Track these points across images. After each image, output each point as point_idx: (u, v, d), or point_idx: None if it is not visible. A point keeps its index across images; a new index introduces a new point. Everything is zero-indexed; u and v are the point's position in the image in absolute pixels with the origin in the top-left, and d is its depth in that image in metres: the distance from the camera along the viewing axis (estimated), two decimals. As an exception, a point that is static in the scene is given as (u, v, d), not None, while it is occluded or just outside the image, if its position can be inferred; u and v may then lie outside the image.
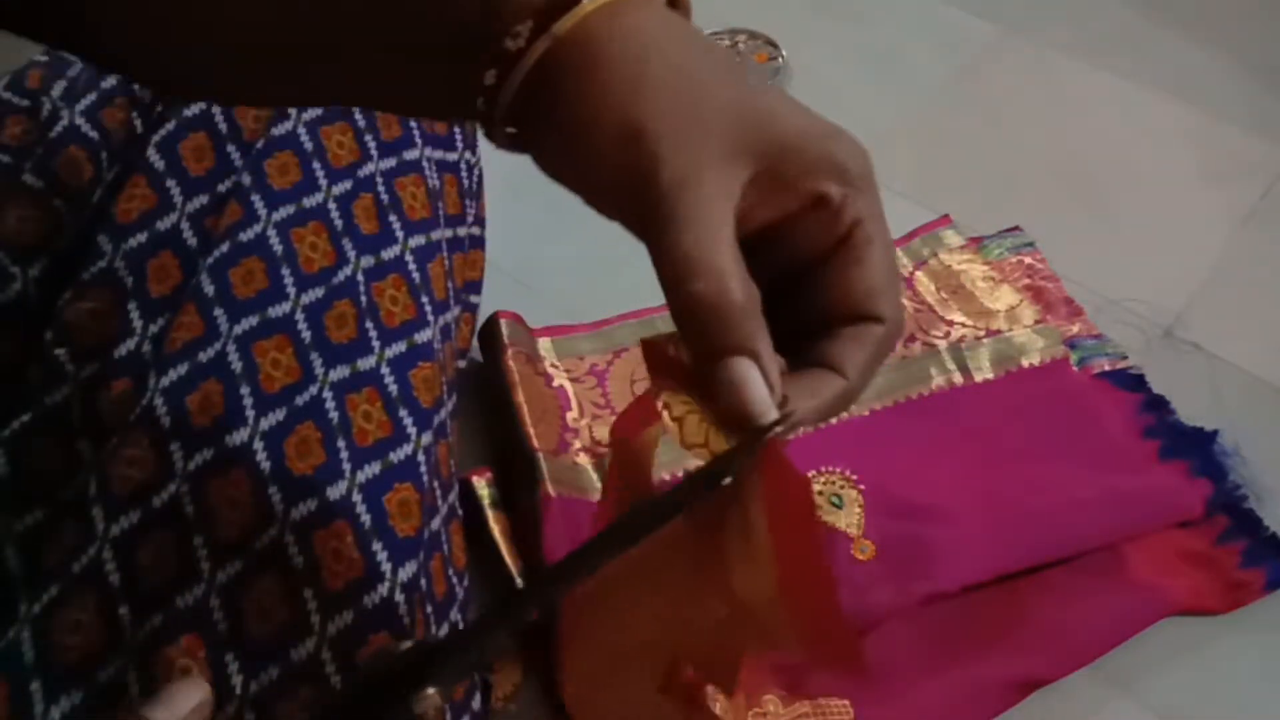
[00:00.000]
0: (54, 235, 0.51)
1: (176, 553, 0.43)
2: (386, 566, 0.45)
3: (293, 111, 0.53)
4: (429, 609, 0.48)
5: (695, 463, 0.68)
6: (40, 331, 0.48)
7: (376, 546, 0.45)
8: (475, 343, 0.70)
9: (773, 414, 0.29)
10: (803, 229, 0.31)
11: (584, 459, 0.66)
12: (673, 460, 0.66)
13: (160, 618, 0.42)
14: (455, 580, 0.52)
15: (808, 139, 0.30)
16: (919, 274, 0.78)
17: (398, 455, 0.48)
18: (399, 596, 0.45)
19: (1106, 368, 0.73)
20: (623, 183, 0.29)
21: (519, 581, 0.60)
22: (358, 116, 0.55)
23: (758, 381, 0.29)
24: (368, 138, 0.55)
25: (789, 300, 0.32)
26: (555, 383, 0.69)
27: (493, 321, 0.69)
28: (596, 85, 0.29)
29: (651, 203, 0.29)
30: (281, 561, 0.43)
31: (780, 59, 0.96)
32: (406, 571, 0.46)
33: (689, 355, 0.30)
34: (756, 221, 0.30)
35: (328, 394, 0.47)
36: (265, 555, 0.43)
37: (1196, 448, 0.68)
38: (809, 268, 0.32)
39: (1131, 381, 0.72)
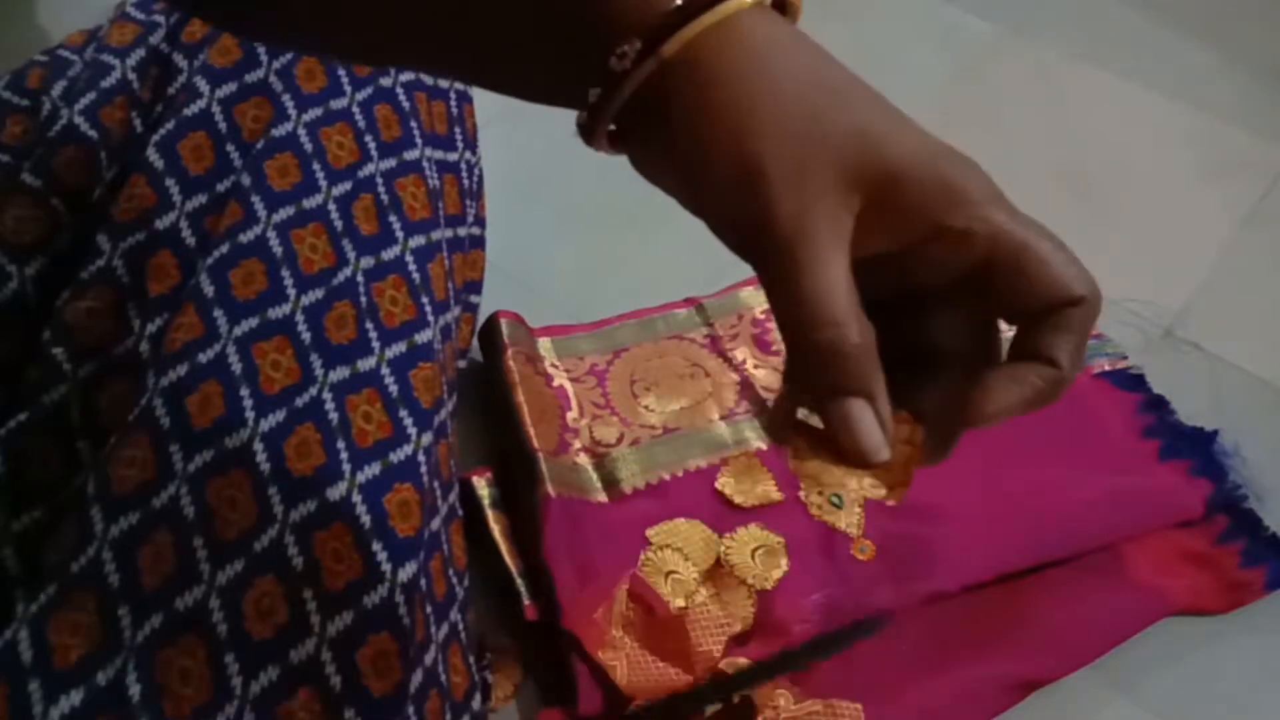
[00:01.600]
0: (52, 234, 0.51)
1: (176, 554, 0.42)
2: (386, 567, 0.45)
3: (292, 112, 0.53)
4: (429, 609, 0.48)
5: (697, 462, 0.67)
6: (38, 331, 0.48)
7: (376, 547, 0.45)
8: (475, 343, 0.70)
9: (885, 453, 0.29)
10: (934, 258, 0.30)
11: (584, 459, 0.66)
12: (674, 460, 0.66)
13: (160, 618, 0.41)
14: (455, 580, 0.52)
15: (918, 165, 0.29)
16: (919, 274, 0.78)
17: (398, 456, 0.48)
18: (399, 597, 0.45)
19: (1106, 368, 0.73)
20: (738, 220, 0.29)
21: (519, 581, 0.60)
22: (357, 117, 0.55)
23: (872, 422, 0.29)
24: (367, 138, 0.55)
25: (919, 315, 0.32)
26: (555, 383, 0.69)
27: (493, 321, 0.69)
28: (706, 114, 0.28)
29: (769, 249, 0.28)
30: (281, 562, 0.43)
31: (780, 59, 0.95)
32: (406, 572, 0.46)
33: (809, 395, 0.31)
34: (871, 250, 0.30)
35: (327, 395, 0.47)
36: (265, 556, 0.43)
37: (1196, 448, 0.68)
38: (949, 291, 0.31)
39: (1131, 381, 0.72)
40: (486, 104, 0.68)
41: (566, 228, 0.81)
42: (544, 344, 0.71)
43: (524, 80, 0.32)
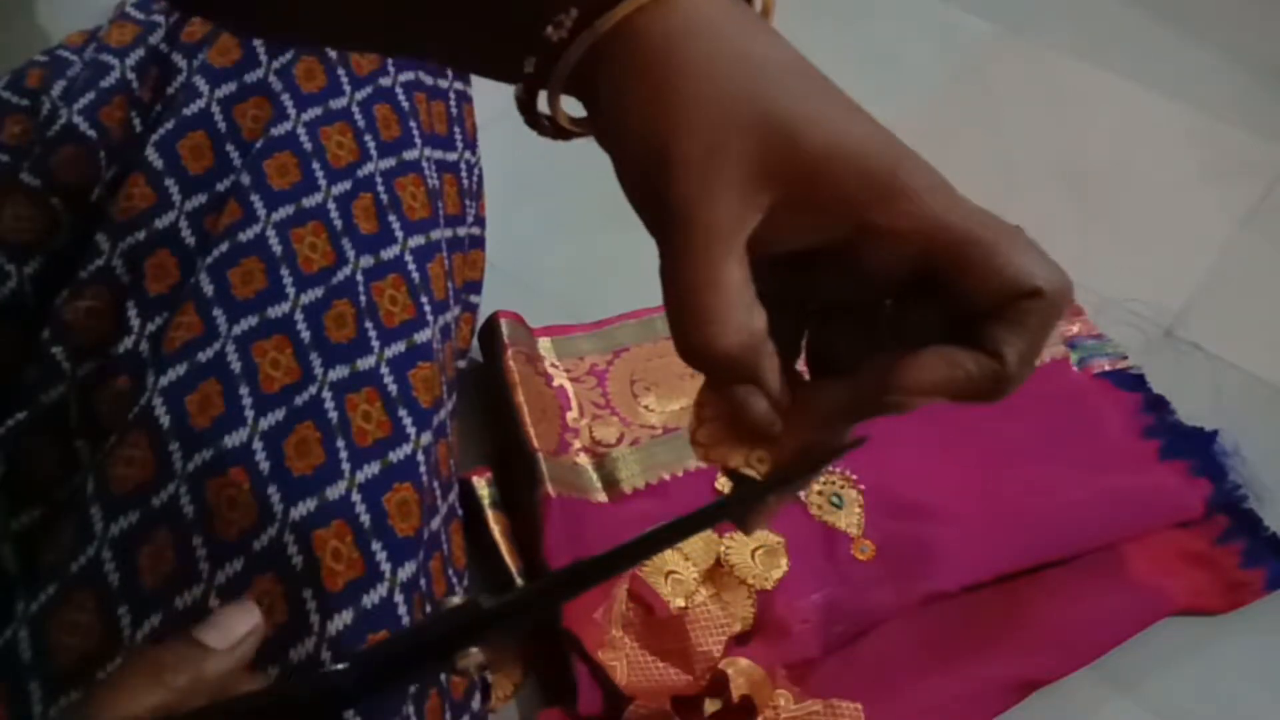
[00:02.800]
0: (51, 233, 0.51)
1: (176, 553, 0.42)
2: (386, 566, 0.45)
3: (292, 112, 0.53)
4: (429, 609, 0.48)
5: (697, 463, 0.67)
6: (36, 330, 0.48)
7: (376, 546, 0.45)
8: (475, 343, 0.70)
9: (776, 428, 0.29)
10: (871, 255, 0.28)
11: (584, 459, 0.66)
12: (674, 460, 0.66)
13: (159, 618, 0.41)
14: (455, 580, 0.52)
15: (838, 158, 0.27)
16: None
17: (397, 455, 0.48)
18: (398, 596, 0.45)
19: (1106, 368, 0.73)
20: (643, 200, 0.29)
21: (519, 581, 0.60)
22: (357, 117, 0.55)
23: (759, 402, 0.29)
24: (367, 137, 0.55)
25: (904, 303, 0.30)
26: (555, 382, 0.69)
27: (493, 321, 0.69)
28: (629, 92, 0.28)
29: (662, 232, 0.28)
30: (281, 562, 0.43)
31: (780, 59, 0.95)
32: (406, 571, 0.46)
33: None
34: (791, 247, 0.28)
35: (327, 394, 0.47)
36: (265, 556, 0.43)
37: (1196, 448, 0.68)
38: (906, 285, 0.29)
39: (1131, 381, 0.72)
40: (486, 104, 0.68)
41: (566, 227, 0.81)
42: (544, 344, 0.71)
43: (465, 50, 0.31)
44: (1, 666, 0.41)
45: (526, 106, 0.30)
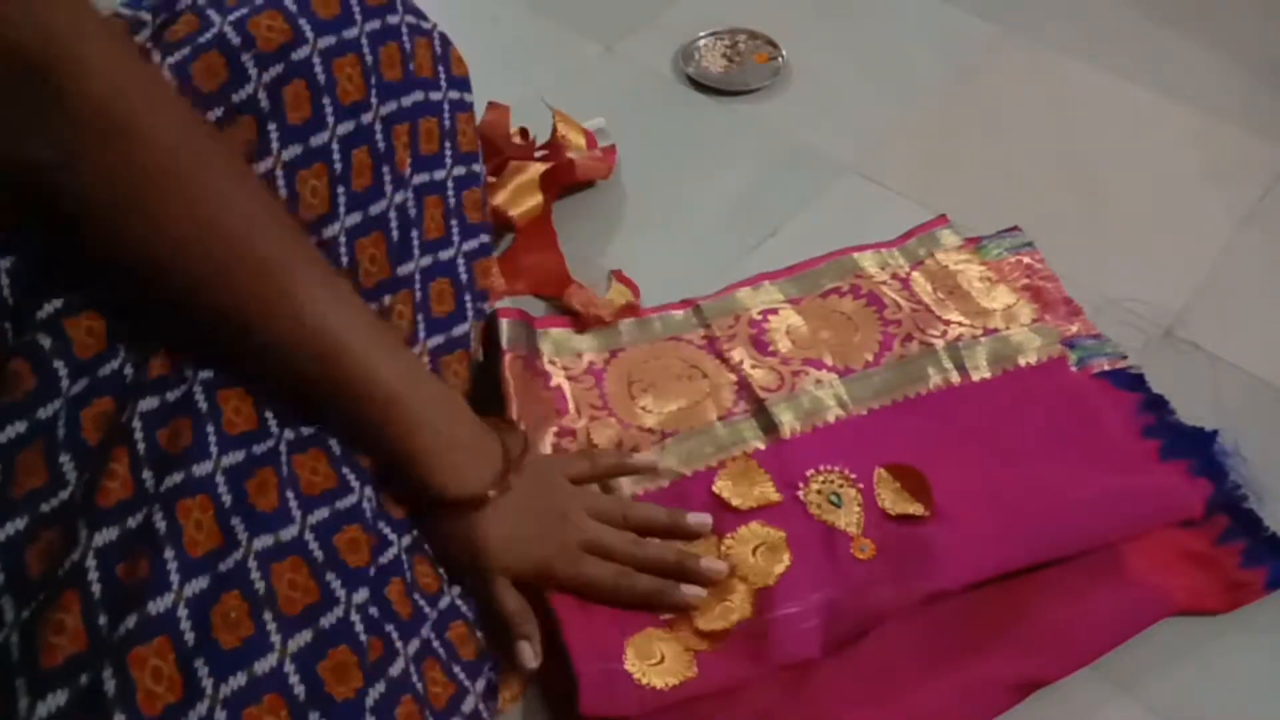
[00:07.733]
0: (29, 228, 0.50)
1: (151, 566, 0.43)
2: (341, 593, 0.48)
3: (275, 145, 0.54)
4: (389, 628, 0.51)
5: (695, 466, 0.67)
6: (17, 326, 0.47)
7: (330, 577, 0.48)
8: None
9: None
10: None
11: (582, 461, 0.66)
12: (672, 464, 0.66)
13: (134, 619, 0.42)
14: (424, 603, 0.54)
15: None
16: (915, 274, 0.78)
17: (344, 503, 0.51)
18: (354, 616, 0.48)
19: (1106, 367, 0.73)
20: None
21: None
22: (334, 158, 0.55)
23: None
24: (339, 186, 0.55)
25: None
26: (553, 382, 0.69)
27: (493, 322, 0.69)
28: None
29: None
30: (244, 586, 0.45)
31: (780, 59, 0.95)
32: (360, 596, 0.49)
33: None
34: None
35: (283, 448, 0.49)
36: (230, 576, 0.45)
37: (1196, 448, 0.68)
38: None
39: (1131, 381, 0.72)
40: (483, 103, 0.68)
41: (565, 228, 0.81)
42: (544, 338, 0.71)
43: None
44: None
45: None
